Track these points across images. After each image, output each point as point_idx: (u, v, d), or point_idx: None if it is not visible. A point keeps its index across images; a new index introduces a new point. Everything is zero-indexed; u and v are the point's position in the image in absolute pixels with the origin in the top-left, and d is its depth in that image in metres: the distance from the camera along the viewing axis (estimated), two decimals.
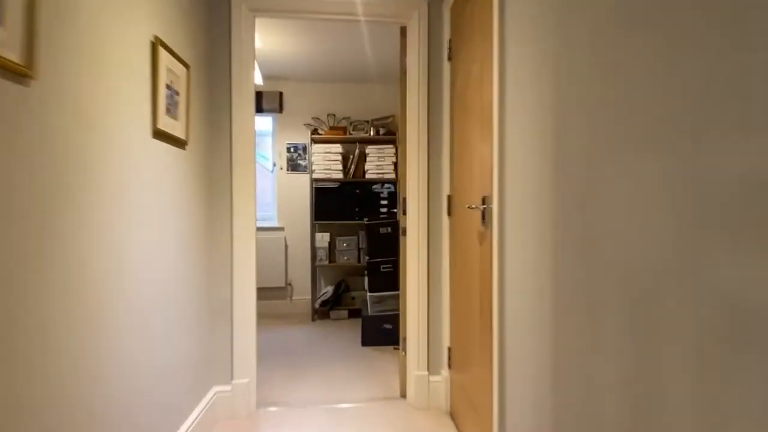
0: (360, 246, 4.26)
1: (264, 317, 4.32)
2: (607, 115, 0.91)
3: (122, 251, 1.33)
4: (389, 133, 4.28)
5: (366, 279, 3.80)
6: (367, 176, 4.23)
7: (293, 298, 4.55)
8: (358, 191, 4.23)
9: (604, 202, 0.92)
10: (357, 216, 4.23)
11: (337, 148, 4.18)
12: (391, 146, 4.23)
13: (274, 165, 4.54)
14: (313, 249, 4.25)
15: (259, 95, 4.43)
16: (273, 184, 4.60)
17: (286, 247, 4.54)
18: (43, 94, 0.96)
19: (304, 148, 4.53)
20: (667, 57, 0.74)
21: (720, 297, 0.63)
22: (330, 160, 4.17)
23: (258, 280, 4.37)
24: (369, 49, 3.49)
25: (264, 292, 4.52)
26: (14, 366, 0.89)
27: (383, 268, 3.45)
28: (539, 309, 1.24)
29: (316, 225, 4.51)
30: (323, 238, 4.24)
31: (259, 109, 4.47)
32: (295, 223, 4.54)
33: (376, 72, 4.17)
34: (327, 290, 4.24)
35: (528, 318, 1.32)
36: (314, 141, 4.24)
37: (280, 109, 4.50)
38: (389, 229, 3.46)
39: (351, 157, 4.26)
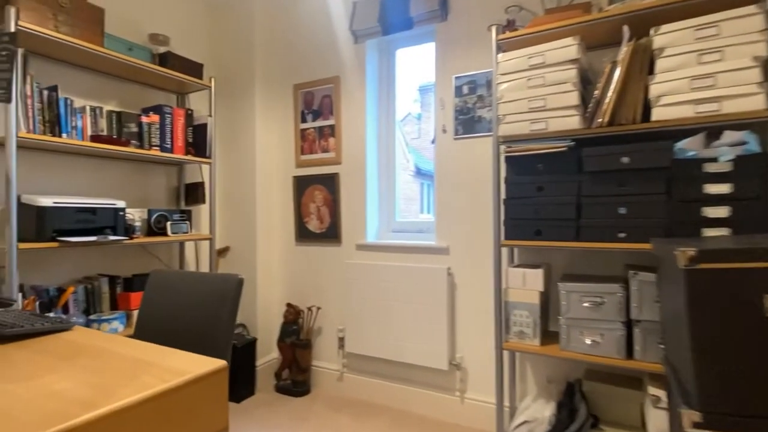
0: (632, 316, 1.53)
1: (400, 424, 2.15)
2: None
3: None
4: None
5: None
6: (657, 115, 1.47)
7: (466, 396, 2.20)
8: (626, 159, 1.52)
9: None
10: (626, 229, 1.54)
11: (564, 51, 1.60)
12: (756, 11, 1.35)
13: (439, 133, 2.32)
14: (500, 302, 1.80)
15: None
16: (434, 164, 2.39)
17: (453, 287, 2.24)
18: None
19: (488, 83, 2.13)
20: None
21: None
22: (543, 87, 1.63)
23: (393, 348, 2.27)
24: None
25: (408, 372, 2.35)
26: None
27: None
28: None
29: (512, 251, 2.02)
30: (526, 281, 1.73)
31: (404, 24, 2.35)
32: (469, 241, 2.19)
33: None
34: (534, 416, 1.70)
35: None
36: (503, 48, 1.80)
37: (444, 14, 2.26)
38: None
39: (604, 74, 1.59)
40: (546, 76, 1.61)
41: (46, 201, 1.72)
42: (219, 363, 0.86)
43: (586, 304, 1.59)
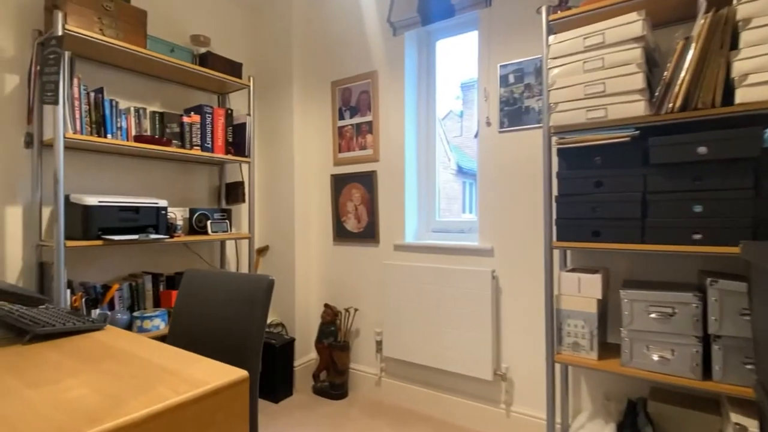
0: (710, 330, 1.33)
1: None
2: None
3: None
4: None
5: None
6: (743, 97, 1.26)
7: (512, 409, 2.05)
8: (703, 150, 1.32)
9: None
10: (703, 230, 1.34)
11: (627, 29, 1.41)
12: None
13: (481, 127, 2.18)
14: (552, 310, 1.64)
15: None
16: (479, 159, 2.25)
17: (497, 291, 2.09)
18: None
19: (536, 71, 1.96)
20: None
21: None
22: (602, 70, 1.46)
23: (433, 355, 2.16)
24: None
25: (449, 380, 2.23)
26: None
27: None
28: None
29: (565, 254, 1.84)
30: (582, 287, 1.56)
31: (445, 12, 2.23)
32: (516, 242, 2.03)
33: None
34: None
35: None
36: (555, 30, 1.63)
37: None
38: None
39: (675, 52, 1.38)
40: (606, 58, 1.44)
41: (92, 200, 1.76)
42: (238, 373, 0.80)
43: (653, 315, 1.39)
